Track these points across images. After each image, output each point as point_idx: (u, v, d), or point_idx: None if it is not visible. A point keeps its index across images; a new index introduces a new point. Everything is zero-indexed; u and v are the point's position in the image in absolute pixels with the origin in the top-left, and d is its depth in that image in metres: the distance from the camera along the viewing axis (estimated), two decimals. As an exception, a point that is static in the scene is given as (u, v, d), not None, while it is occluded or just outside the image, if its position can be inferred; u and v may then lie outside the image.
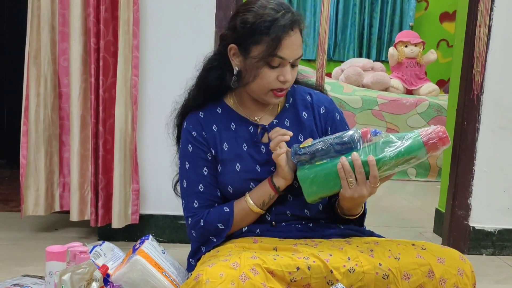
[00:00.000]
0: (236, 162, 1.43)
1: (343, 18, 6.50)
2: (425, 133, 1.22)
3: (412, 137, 1.23)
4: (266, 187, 1.39)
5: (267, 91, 1.39)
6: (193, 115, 1.49)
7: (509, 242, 2.52)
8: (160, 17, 2.31)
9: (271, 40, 1.31)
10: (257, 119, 1.48)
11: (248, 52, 1.35)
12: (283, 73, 1.36)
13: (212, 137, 1.46)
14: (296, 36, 1.35)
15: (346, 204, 1.36)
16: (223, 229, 1.39)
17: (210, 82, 1.45)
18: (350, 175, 1.25)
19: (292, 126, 1.47)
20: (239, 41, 1.37)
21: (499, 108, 2.47)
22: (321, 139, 1.30)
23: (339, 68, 5.47)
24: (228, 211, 1.40)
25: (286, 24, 1.32)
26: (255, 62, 1.34)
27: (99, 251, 1.69)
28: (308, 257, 1.22)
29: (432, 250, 1.28)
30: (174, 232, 2.39)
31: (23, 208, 2.30)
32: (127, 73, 2.21)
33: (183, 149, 1.48)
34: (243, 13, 1.36)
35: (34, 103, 2.26)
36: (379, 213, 3.23)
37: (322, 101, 1.52)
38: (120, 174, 2.24)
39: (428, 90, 4.93)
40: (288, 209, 1.43)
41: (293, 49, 1.34)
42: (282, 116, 1.49)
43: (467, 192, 2.50)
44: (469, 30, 2.46)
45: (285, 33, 1.32)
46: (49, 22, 2.25)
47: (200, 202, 1.43)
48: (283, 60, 1.34)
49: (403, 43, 5.08)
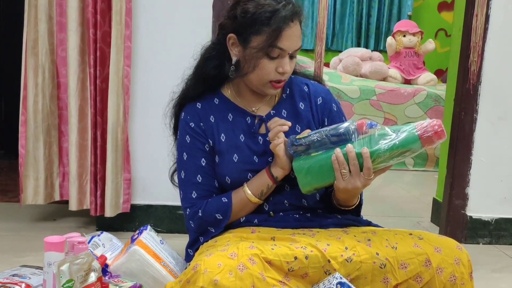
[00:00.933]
0: (233, 152, 1.43)
1: (341, 8, 6.48)
2: (420, 127, 1.21)
3: (408, 130, 1.22)
4: (264, 177, 1.39)
5: (266, 82, 1.39)
6: (191, 106, 1.49)
7: (506, 231, 2.54)
8: (155, 7, 2.29)
9: (272, 31, 1.31)
10: (255, 109, 1.48)
11: (248, 42, 1.35)
12: (282, 65, 1.36)
13: (210, 128, 1.46)
14: (296, 28, 1.35)
15: (341, 196, 1.37)
16: (221, 219, 1.40)
17: (208, 71, 1.45)
18: (344, 167, 1.25)
19: (289, 117, 1.47)
20: (239, 30, 1.37)
21: (497, 98, 2.46)
22: (318, 130, 1.30)
23: (337, 58, 5.46)
24: (226, 201, 1.40)
25: (287, 15, 1.32)
26: (254, 53, 1.34)
27: (98, 241, 1.69)
28: (306, 246, 1.22)
29: (429, 240, 1.29)
30: (172, 223, 2.40)
31: (22, 197, 2.30)
32: (119, 63, 2.20)
33: (180, 140, 1.48)
34: (244, 3, 1.36)
35: (33, 93, 2.26)
36: (376, 203, 3.24)
37: (319, 92, 1.52)
38: (113, 163, 2.25)
39: (426, 80, 4.92)
40: (286, 198, 1.44)
41: (293, 41, 1.35)
42: (279, 106, 1.49)
43: (465, 182, 2.51)
44: (466, 19, 2.45)
45: (285, 24, 1.32)
46: (47, 12, 2.24)
47: (198, 193, 1.43)
48: (283, 51, 1.34)
49: (401, 33, 5.07)
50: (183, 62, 1.54)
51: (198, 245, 1.44)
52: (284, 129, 1.35)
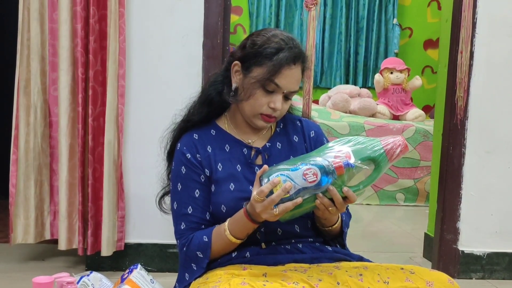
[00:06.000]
0: (230, 182, 1.44)
1: (329, 46, 6.60)
2: (385, 143, 1.30)
3: (376, 154, 1.28)
4: (247, 223, 1.33)
5: (257, 114, 1.42)
6: (187, 137, 1.50)
7: (498, 266, 2.53)
8: (147, 46, 2.33)
9: (272, 65, 1.36)
10: (251, 142, 1.52)
11: (249, 71, 1.41)
12: (274, 100, 1.40)
13: (207, 157, 1.47)
14: (296, 71, 1.40)
15: (321, 216, 1.38)
16: (202, 257, 1.39)
17: (211, 94, 1.50)
18: (330, 206, 1.27)
19: (284, 149, 1.51)
20: (244, 59, 1.43)
21: (484, 132, 2.50)
22: (299, 185, 1.25)
23: (326, 95, 5.52)
24: (206, 241, 1.39)
25: (290, 56, 1.38)
26: (252, 83, 1.39)
27: (87, 281, 1.67)
28: (298, 282, 1.21)
29: (420, 274, 1.28)
30: (163, 261, 2.37)
31: (12, 236, 2.29)
32: (114, 102, 2.23)
33: (176, 170, 1.48)
34: (256, 35, 1.44)
35: (24, 132, 2.27)
36: (368, 239, 3.23)
37: (311, 127, 1.59)
38: (109, 201, 2.25)
39: (414, 116, 4.98)
40: (279, 226, 1.42)
41: (290, 81, 1.39)
42: (274, 139, 1.53)
43: (455, 216, 2.52)
44: (451, 56, 2.51)
45: (286, 63, 1.37)
46: (39, 52, 2.28)
47: (187, 224, 1.43)
48: (278, 88, 1.39)
49: (388, 70, 5.15)
50: (174, 99, 1.57)
51: (185, 284, 1.42)
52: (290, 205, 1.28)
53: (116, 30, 2.21)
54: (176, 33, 2.33)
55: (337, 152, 1.27)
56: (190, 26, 2.33)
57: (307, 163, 1.25)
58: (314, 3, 2.56)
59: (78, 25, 2.19)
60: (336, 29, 6.59)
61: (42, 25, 2.28)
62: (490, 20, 2.46)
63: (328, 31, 6.57)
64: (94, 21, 2.22)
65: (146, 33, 2.33)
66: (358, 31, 6.64)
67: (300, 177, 1.24)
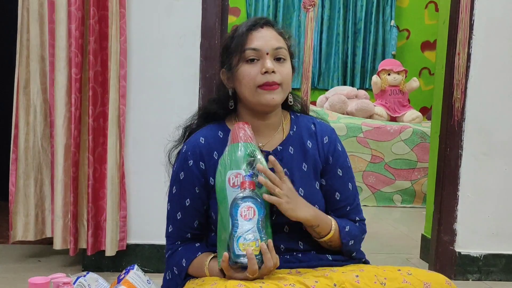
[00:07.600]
0: None
1: (326, 48, 6.61)
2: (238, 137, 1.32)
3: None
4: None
5: (255, 89, 1.36)
6: (194, 140, 1.45)
7: (495, 267, 2.53)
8: (146, 47, 2.33)
9: (240, 38, 1.37)
10: (261, 145, 1.45)
11: (231, 65, 1.40)
12: (263, 64, 1.35)
13: (212, 165, 1.41)
14: (267, 31, 1.39)
15: (306, 224, 1.37)
16: (177, 274, 1.41)
17: (211, 109, 1.49)
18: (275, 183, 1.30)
19: (297, 154, 1.45)
20: (224, 62, 1.43)
21: (481, 134, 2.50)
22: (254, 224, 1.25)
23: (324, 96, 5.53)
24: (183, 265, 1.39)
25: (251, 24, 1.39)
26: (236, 68, 1.38)
27: (83, 282, 1.66)
28: (294, 284, 1.21)
29: (418, 275, 1.28)
30: (160, 262, 2.37)
31: (12, 234, 2.30)
32: (116, 102, 2.24)
33: (175, 172, 1.46)
34: (224, 41, 1.45)
35: (24, 132, 2.29)
36: (365, 240, 3.20)
37: (325, 131, 1.51)
38: (112, 201, 2.26)
39: (411, 117, 4.99)
40: (283, 243, 1.39)
41: (265, 40, 1.37)
42: (287, 143, 1.46)
43: (452, 218, 2.52)
44: (449, 58, 2.51)
45: (252, 29, 1.37)
46: (39, 53, 2.28)
47: (174, 228, 1.45)
48: (257, 51, 1.36)
49: (386, 71, 5.16)
50: (172, 100, 1.56)
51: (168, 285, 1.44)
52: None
53: (117, 30, 2.21)
54: (173, 34, 2.33)
55: (234, 179, 1.29)
56: (188, 27, 2.33)
57: (238, 207, 1.25)
58: (312, 4, 2.56)
59: (72, 25, 2.18)
60: (333, 31, 6.60)
61: (42, 26, 2.28)
62: (487, 22, 2.46)
63: (326, 33, 6.58)
64: (94, 21, 2.21)
65: (144, 34, 2.33)
66: (355, 33, 6.65)
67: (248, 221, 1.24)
